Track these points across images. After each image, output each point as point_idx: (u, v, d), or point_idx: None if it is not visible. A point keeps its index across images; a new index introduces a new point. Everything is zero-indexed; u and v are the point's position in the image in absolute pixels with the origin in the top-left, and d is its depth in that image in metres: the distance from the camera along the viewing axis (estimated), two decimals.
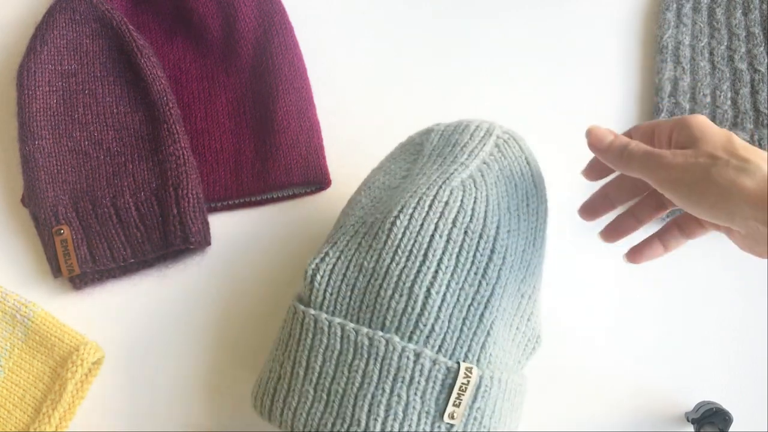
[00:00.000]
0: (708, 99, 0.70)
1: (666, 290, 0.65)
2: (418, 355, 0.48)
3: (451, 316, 0.49)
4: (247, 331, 0.64)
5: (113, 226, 0.64)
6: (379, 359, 0.48)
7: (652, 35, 0.74)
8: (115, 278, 0.65)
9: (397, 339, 0.48)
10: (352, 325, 0.50)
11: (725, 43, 0.73)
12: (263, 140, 0.69)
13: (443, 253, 0.49)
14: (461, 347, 0.49)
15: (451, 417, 0.48)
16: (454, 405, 0.48)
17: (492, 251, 0.50)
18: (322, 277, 0.52)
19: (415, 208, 0.50)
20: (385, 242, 0.50)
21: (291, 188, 0.69)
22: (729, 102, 0.70)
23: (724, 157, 0.43)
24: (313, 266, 0.52)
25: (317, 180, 0.69)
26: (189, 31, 0.72)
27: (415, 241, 0.50)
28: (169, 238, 0.63)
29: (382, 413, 0.48)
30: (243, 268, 0.66)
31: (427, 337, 0.48)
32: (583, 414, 0.62)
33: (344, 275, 0.51)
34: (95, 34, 0.68)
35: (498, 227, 0.50)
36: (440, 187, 0.51)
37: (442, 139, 0.56)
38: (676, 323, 0.64)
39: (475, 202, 0.51)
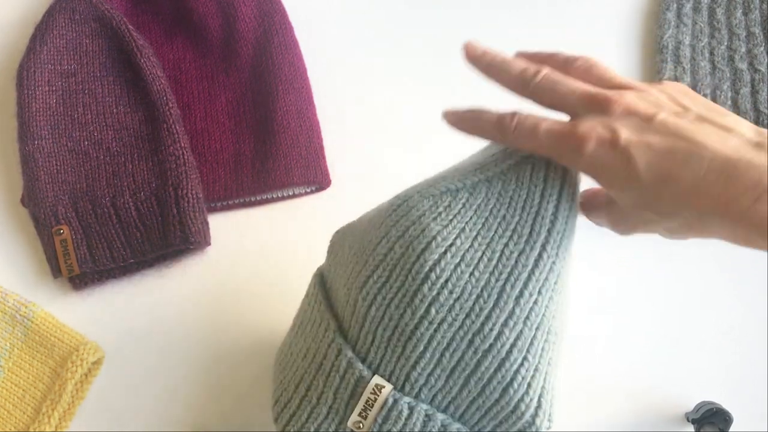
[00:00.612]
0: (708, 99, 0.70)
1: (666, 291, 0.65)
2: (339, 351, 0.45)
3: (376, 330, 0.44)
4: (246, 330, 0.64)
5: (113, 226, 0.64)
6: (318, 339, 0.47)
7: (652, 35, 0.74)
8: (115, 278, 0.65)
9: (333, 327, 0.46)
10: (321, 297, 0.49)
11: (725, 43, 0.73)
12: (263, 140, 0.69)
13: (381, 261, 0.43)
14: (386, 366, 0.44)
15: (357, 427, 0.45)
16: (360, 416, 0.45)
17: (425, 279, 0.42)
18: (332, 244, 0.51)
19: (393, 205, 0.45)
20: (360, 231, 0.47)
21: (291, 188, 0.69)
22: (729, 102, 0.70)
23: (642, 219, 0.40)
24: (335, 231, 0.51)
25: (317, 180, 0.69)
26: (189, 31, 0.72)
27: (369, 241, 0.45)
28: (169, 238, 0.63)
29: (302, 391, 0.47)
30: (243, 268, 0.66)
31: (356, 341, 0.45)
32: (584, 414, 0.62)
33: (341, 254, 0.50)
34: (95, 34, 0.68)
35: (443, 254, 0.42)
36: (420, 191, 0.45)
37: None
38: (675, 324, 0.64)
39: (435, 218, 0.43)
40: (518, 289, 0.42)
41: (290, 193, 0.69)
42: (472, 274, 0.42)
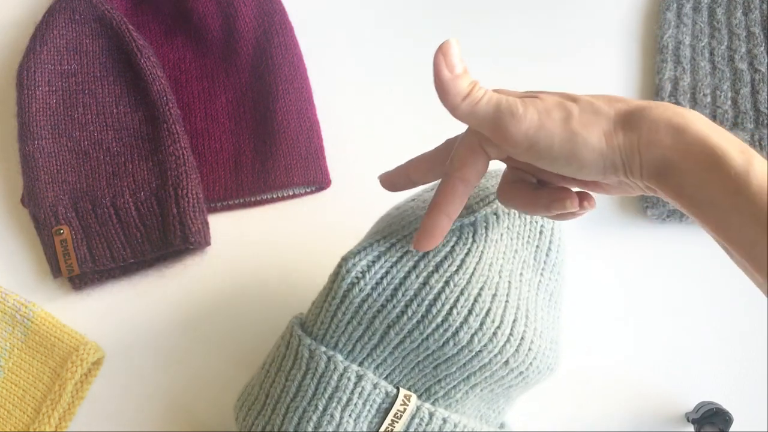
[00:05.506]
0: (708, 99, 0.70)
1: (666, 290, 0.65)
2: (360, 377, 0.46)
3: (406, 356, 0.47)
4: (246, 331, 0.64)
5: (113, 226, 0.64)
6: (317, 375, 0.47)
7: (652, 35, 0.74)
8: (114, 278, 0.65)
9: (340, 358, 0.47)
10: (299, 332, 0.49)
11: (725, 43, 0.72)
12: (263, 140, 0.69)
13: (415, 296, 0.45)
14: (406, 382, 0.48)
15: None
16: (386, 429, 0.46)
17: (469, 312, 0.45)
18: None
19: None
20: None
21: (291, 188, 0.69)
22: (729, 102, 0.70)
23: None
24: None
25: (317, 180, 0.69)
26: (189, 31, 0.72)
27: (388, 271, 0.46)
28: (169, 238, 0.63)
29: (309, 430, 0.47)
30: (243, 268, 0.66)
31: (378, 365, 0.47)
32: (584, 414, 0.62)
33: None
34: (95, 34, 0.68)
35: (482, 289, 0.45)
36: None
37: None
38: (676, 323, 0.64)
39: (467, 254, 0.46)
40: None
41: (290, 193, 0.69)
42: (506, 306, 0.47)
